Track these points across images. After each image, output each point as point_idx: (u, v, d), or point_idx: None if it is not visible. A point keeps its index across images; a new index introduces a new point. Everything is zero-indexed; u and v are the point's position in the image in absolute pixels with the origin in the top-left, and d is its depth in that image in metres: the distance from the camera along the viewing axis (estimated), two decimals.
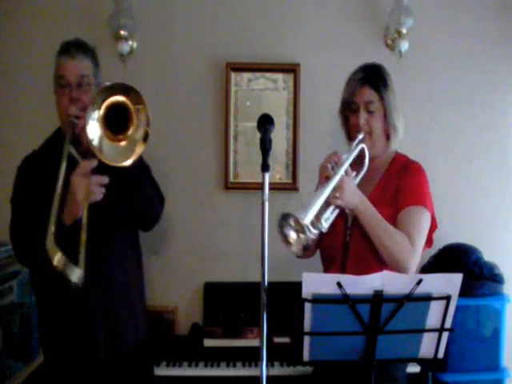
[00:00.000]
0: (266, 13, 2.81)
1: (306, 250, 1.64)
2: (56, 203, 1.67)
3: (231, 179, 2.82)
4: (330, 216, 1.75)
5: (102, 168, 1.73)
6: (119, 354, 1.93)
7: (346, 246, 1.84)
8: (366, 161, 1.87)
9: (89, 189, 1.70)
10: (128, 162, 1.71)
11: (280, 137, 2.81)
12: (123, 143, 1.73)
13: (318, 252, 2.01)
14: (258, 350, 1.48)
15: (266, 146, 1.52)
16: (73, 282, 1.63)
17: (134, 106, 1.70)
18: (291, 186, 2.82)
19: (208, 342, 2.56)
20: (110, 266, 1.92)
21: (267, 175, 1.49)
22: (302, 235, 1.61)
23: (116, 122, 1.71)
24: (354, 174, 1.82)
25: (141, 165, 1.90)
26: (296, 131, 2.80)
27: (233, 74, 2.79)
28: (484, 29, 2.85)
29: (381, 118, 1.87)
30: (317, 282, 1.47)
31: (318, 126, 2.83)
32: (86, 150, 1.78)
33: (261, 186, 1.48)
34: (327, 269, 1.91)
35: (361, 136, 1.85)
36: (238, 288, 2.69)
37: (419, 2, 2.77)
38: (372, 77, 1.88)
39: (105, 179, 1.74)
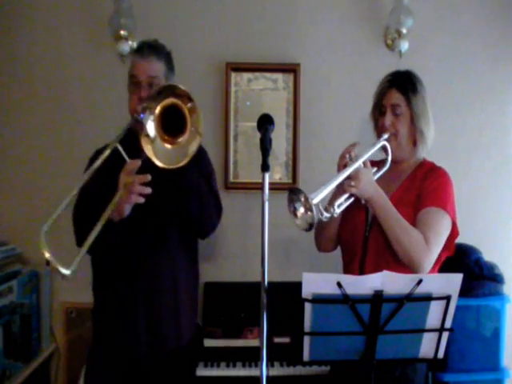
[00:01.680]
0: (266, 13, 2.81)
1: (309, 229, 1.66)
2: (82, 182, 1.69)
3: (231, 179, 2.82)
4: (343, 202, 1.79)
5: (153, 168, 1.72)
6: (160, 355, 1.92)
7: (366, 241, 1.85)
8: (389, 158, 1.90)
9: (130, 189, 1.69)
10: (161, 165, 1.69)
11: (280, 137, 2.80)
12: (175, 146, 1.71)
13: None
14: (257, 349, 1.48)
15: (265, 146, 1.52)
16: (62, 274, 1.54)
17: (186, 106, 1.69)
18: (291, 186, 2.81)
19: (208, 342, 2.56)
20: (157, 265, 1.91)
21: (267, 175, 1.48)
22: (309, 213, 1.64)
23: (171, 126, 1.70)
24: (374, 169, 1.87)
25: (201, 171, 1.90)
26: (296, 131, 2.80)
27: (233, 74, 2.79)
28: (484, 29, 2.85)
29: (407, 122, 1.90)
30: (317, 282, 1.47)
31: (318, 126, 2.83)
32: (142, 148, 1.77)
33: (261, 186, 1.48)
34: (348, 264, 1.91)
35: (385, 136, 1.88)
36: (238, 288, 2.69)
37: (419, 2, 2.77)
38: (400, 80, 1.92)
39: (147, 177, 1.71)
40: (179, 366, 2.00)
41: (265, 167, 1.48)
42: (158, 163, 1.69)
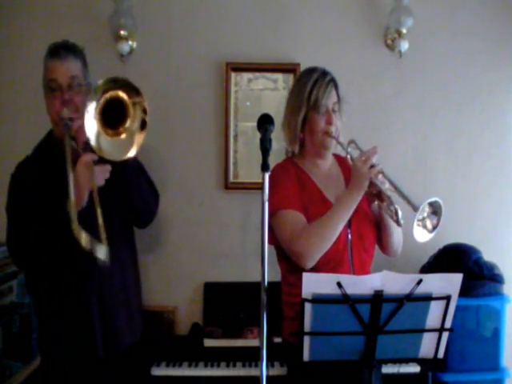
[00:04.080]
0: (266, 13, 2.81)
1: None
2: (72, 195, 1.68)
3: (231, 179, 2.82)
4: None
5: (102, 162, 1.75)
6: (117, 353, 1.93)
7: (350, 243, 1.84)
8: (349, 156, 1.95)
9: (92, 177, 1.72)
10: (132, 154, 1.71)
11: (280, 137, 2.79)
12: (122, 136, 1.73)
13: None
14: (257, 350, 1.48)
15: (266, 146, 1.52)
16: (100, 260, 1.64)
17: (131, 100, 1.71)
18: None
19: (208, 342, 2.56)
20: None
21: (267, 175, 1.49)
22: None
23: (113, 117, 1.70)
24: None
25: (134, 163, 1.92)
26: None
27: (233, 74, 2.79)
28: (484, 28, 2.85)
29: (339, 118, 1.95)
30: (317, 282, 1.47)
31: None
32: (83, 150, 1.79)
33: (261, 186, 1.49)
34: (331, 270, 1.81)
35: (333, 130, 1.88)
36: (238, 288, 2.69)
37: (419, 2, 2.77)
38: (335, 79, 1.94)
39: (108, 167, 1.76)
40: (136, 361, 2.02)
41: (265, 167, 1.48)
42: (110, 157, 1.71)
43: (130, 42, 2.72)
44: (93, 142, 1.68)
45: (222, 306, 2.69)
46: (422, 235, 1.64)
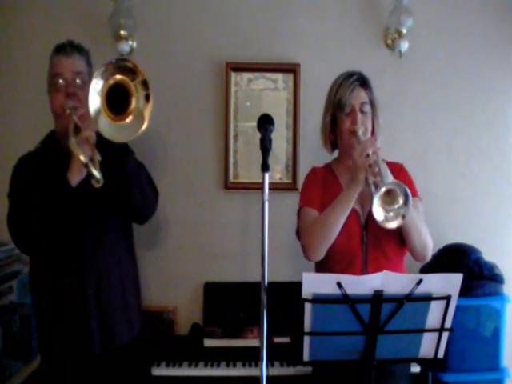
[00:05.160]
0: (266, 13, 2.81)
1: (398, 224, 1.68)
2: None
3: (231, 179, 2.82)
4: None
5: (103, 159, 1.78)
6: (114, 350, 1.94)
7: (365, 245, 1.84)
8: None
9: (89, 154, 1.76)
10: (145, 126, 1.72)
11: (280, 137, 2.80)
12: (130, 117, 1.74)
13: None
14: (258, 350, 1.49)
15: (266, 146, 1.52)
16: (97, 178, 1.70)
17: (133, 83, 1.73)
18: (291, 186, 2.81)
19: (208, 342, 2.56)
20: (103, 258, 1.94)
21: (267, 175, 1.49)
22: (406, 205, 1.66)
23: (117, 103, 1.72)
24: None
25: (135, 159, 1.96)
26: (296, 131, 2.80)
27: (233, 74, 2.79)
28: (484, 29, 2.85)
29: (370, 118, 1.95)
30: (317, 282, 1.47)
31: (318, 126, 2.82)
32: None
33: (261, 186, 1.49)
34: (343, 269, 1.83)
35: (360, 132, 1.89)
36: (238, 288, 2.69)
37: (419, 2, 2.77)
38: (363, 79, 1.96)
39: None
40: (133, 358, 2.03)
41: (265, 167, 1.49)
42: (125, 139, 1.75)
43: (130, 42, 2.72)
44: (105, 134, 1.69)
45: (222, 306, 2.69)
46: (381, 216, 1.65)
